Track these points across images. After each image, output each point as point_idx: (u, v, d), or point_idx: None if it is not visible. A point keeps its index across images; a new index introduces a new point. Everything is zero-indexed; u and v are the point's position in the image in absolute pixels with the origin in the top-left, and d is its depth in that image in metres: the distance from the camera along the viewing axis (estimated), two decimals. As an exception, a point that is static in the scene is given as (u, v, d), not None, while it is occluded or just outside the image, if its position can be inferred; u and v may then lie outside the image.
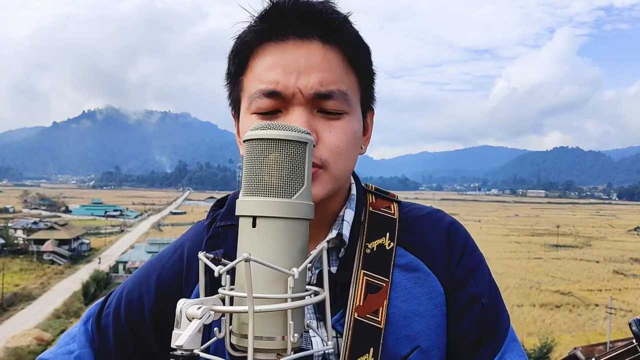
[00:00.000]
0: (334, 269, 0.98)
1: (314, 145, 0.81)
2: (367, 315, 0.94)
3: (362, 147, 1.01)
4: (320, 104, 0.91)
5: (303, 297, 0.68)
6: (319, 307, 0.95)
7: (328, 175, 0.92)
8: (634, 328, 0.70)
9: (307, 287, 0.71)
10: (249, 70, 0.95)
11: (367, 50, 0.99)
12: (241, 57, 0.95)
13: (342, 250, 0.98)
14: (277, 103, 0.91)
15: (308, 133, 0.71)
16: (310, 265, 0.70)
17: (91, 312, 1.09)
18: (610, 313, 33.80)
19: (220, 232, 1.00)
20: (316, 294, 0.70)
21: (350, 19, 0.96)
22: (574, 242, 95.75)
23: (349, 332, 0.93)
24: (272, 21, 0.93)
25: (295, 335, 0.66)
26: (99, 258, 56.42)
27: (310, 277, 0.93)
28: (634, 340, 0.71)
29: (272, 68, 0.91)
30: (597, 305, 49.58)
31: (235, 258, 0.67)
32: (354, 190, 1.05)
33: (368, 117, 1.04)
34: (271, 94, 0.90)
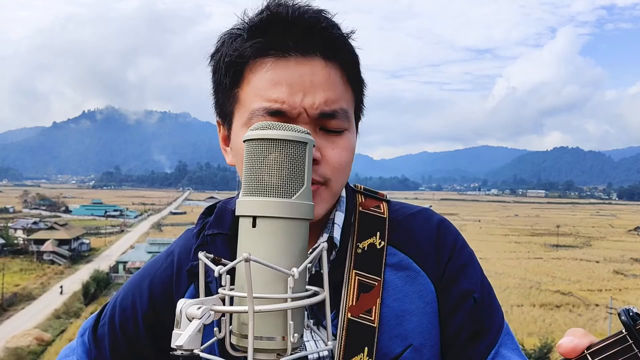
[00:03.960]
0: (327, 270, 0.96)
1: (316, 160, 0.84)
2: (361, 315, 0.94)
3: None
4: (323, 122, 0.92)
5: (303, 297, 0.68)
6: (312, 310, 0.93)
7: (328, 192, 0.94)
8: (623, 318, 0.71)
9: (307, 287, 0.71)
10: (245, 83, 0.93)
11: (358, 61, 0.99)
12: (237, 69, 0.93)
13: (334, 252, 0.99)
14: (281, 121, 0.89)
15: (308, 133, 0.72)
16: (310, 265, 0.70)
17: (88, 324, 1.11)
18: (611, 313, 33.79)
19: (208, 240, 1.00)
20: (315, 294, 0.71)
21: (345, 23, 0.95)
22: (574, 242, 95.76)
23: (342, 333, 0.93)
24: (272, 35, 0.91)
25: (295, 335, 0.66)
26: (61, 286, 49.14)
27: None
28: (623, 330, 0.72)
29: (275, 86, 0.90)
30: (597, 305, 49.54)
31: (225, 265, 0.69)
32: (343, 193, 1.05)
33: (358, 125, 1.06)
34: (275, 113, 0.89)
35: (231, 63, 0.93)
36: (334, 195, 0.96)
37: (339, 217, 1.02)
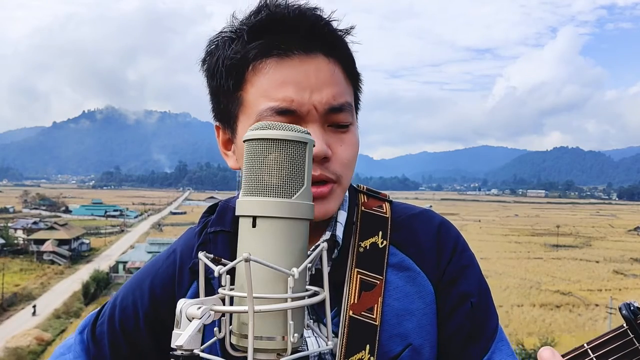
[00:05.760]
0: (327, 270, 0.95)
1: (327, 158, 0.89)
2: (362, 313, 0.95)
3: None
4: (332, 117, 0.93)
5: (303, 297, 0.68)
6: (313, 308, 0.94)
7: (341, 189, 0.95)
8: (623, 312, 0.72)
9: (307, 287, 0.71)
10: (248, 85, 0.92)
11: (354, 59, 1.01)
12: (238, 71, 0.93)
13: (336, 251, 0.99)
14: (290, 120, 0.89)
15: (308, 133, 0.71)
16: (310, 265, 0.70)
17: (86, 321, 1.10)
18: (610, 313, 33.80)
19: (210, 238, 1.01)
20: (315, 294, 0.71)
21: (345, 23, 0.97)
22: (574, 242, 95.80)
23: (344, 330, 0.93)
24: (274, 35, 0.91)
25: (296, 335, 0.66)
26: (34, 306, 44.43)
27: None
28: (624, 324, 0.73)
29: (282, 85, 0.90)
30: (597, 305, 49.57)
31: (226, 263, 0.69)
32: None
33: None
34: (284, 112, 0.89)
35: (232, 66, 0.92)
36: (344, 192, 0.97)
37: (342, 216, 1.02)
